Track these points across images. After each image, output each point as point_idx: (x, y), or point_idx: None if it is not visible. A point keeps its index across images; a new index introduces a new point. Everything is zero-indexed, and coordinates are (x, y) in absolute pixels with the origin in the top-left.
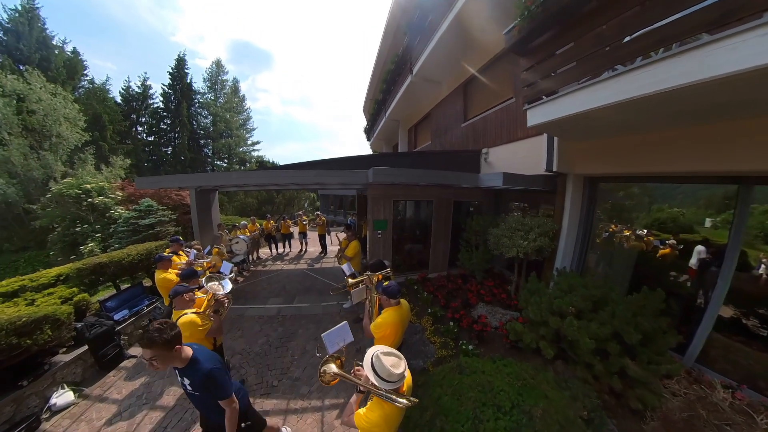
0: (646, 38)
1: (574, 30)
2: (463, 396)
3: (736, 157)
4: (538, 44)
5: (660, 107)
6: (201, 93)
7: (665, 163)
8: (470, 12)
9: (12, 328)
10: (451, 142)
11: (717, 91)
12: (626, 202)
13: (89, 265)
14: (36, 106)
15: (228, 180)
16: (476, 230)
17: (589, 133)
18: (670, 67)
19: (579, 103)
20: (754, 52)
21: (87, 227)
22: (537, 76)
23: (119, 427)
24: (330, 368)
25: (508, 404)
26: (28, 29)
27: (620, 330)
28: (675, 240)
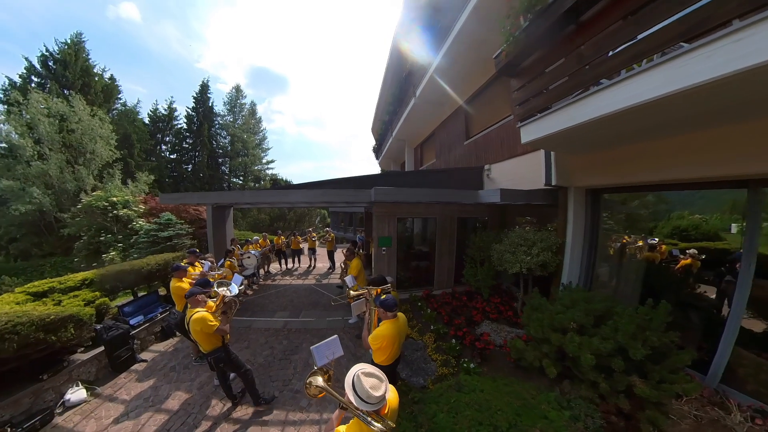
0: (621, 55)
1: (557, 51)
2: (459, 414)
3: (743, 159)
4: (525, 66)
5: (644, 119)
6: (221, 115)
7: (667, 171)
8: (463, 40)
9: (41, 324)
10: (455, 159)
11: (704, 97)
12: (642, 212)
13: (112, 272)
14: (75, 126)
15: (242, 198)
16: (480, 246)
17: (584, 146)
18: (643, 81)
19: (565, 120)
20: (728, 59)
21: (110, 237)
22: (527, 95)
23: (125, 427)
24: (316, 380)
25: (505, 424)
26: (74, 59)
27: (625, 345)
28: (695, 249)
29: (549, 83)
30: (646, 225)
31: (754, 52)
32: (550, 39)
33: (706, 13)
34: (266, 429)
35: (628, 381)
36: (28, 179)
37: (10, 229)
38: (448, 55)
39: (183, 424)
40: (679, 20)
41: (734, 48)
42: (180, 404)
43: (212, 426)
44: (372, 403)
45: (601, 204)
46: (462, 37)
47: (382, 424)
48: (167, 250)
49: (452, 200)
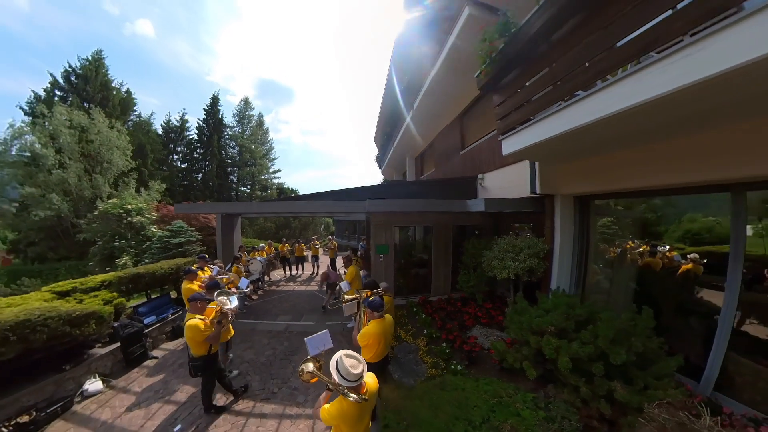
0: (584, 74)
1: (532, 69)
2: (439, 409)
3: (723, 164)
4: (504, 83)
5: (615, 128)
6: (230, 126)
7: (651, 178)
8: (454, 59)
9: (68, 319)
10: (453, 169)
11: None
12: (650, 215)
13: (129, 275)
14: (94, 137)
15: (250, 208)
16: (472, 253)
17: (566, 156)
18: (607, 96)
19: (540, 133)
20: (682, 72)
21: (124, 243)
22: (506, 110)
23: (136, 415)
24: (308, 367)
25: (479, 419)
26: (94, 74)
27: (606, 350)
28: (696, 254)
29: (525, 99)
30: (655, 229)
31: (704, 65)
32: (523, 58)
33: (655, 34)
34: (264, 421)
35: (609, 386)
36: (48, 186)
37: (30, 233)
38: (441, 71)
39: (189, 414)
40: (633, 40)
41: (686, 62)
42: (187, 397)
43: (215, 417)
44: (351, 380)
45: (591, 210)
46: (452, 53)
47: (358, 396)
48: (178, 255)
49: (441, 210)
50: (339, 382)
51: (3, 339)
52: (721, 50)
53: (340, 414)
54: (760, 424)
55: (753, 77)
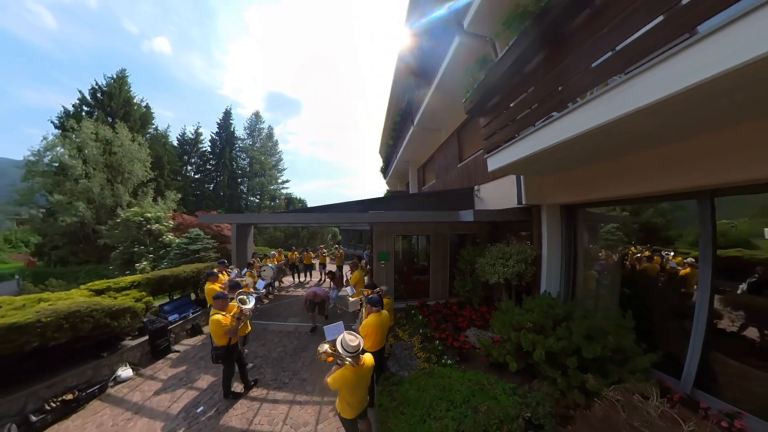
0: (549, 101)
1: (509, 97)
2: (425, 392)
3: (688, 174)
4: (486, 109)
5: (578, 146)
6: (242, 139)
7: (625, 187)
8: (448, 78)
9: (109, 312)
10: (452, 180)
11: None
12: (658, 220)
13: (156, 276)
14: (117, 149)
15: (265, 219)
16: (467, 260)
17: (547, 169)
18: (564, 124)
19: (517, 152)
20: (620, 103)
21: (143, 248)
22: (490, 131)
23: (163, 398)
24: (323, 347)
25: (460, 401)
26: (118, 91)
27: (580, 345)
28: (692, 258)
29: (505, 122)
30: (664, 234)
31: (637, 97)
32: (500, 88)
33: (602, 71)
34: (276, 406)
35: (582, 378)
36: (73, 194)
37: (54, 238)
38: (438, 90)
39: (210, 399)
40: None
41: (624, 95)
42: (208, 384)
43: (233, 401)
44: (350, 351)
45: (578, 218)
46: (447, 73)
47: (354, 360)
48: (195, 261)
49: (435, 220)
50: (341, 353)
51: (58, 326)
52: (646, 85)
53: (342, 378)
54: (734, 419)
55: (678, 104)
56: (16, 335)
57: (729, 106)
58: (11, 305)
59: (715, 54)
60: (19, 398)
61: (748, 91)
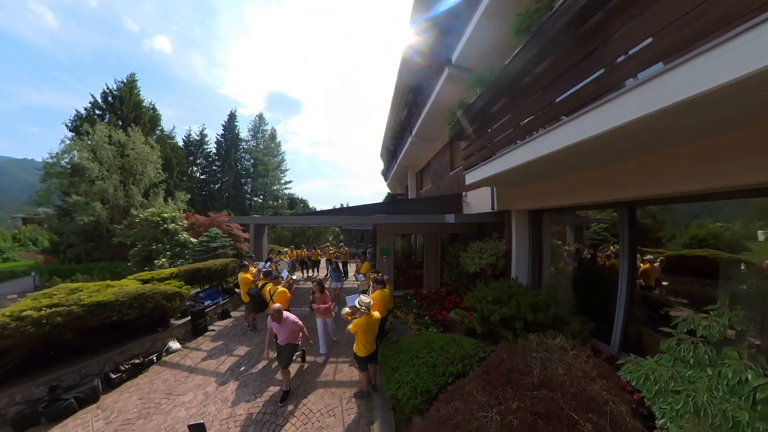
0: (508, 137)
1: (481, 129)
2: (414, 344)
3: (609, 190)
4: (465, 136)
5: (531, 167)
6: (245, 140)
7: (570, 198)
8: (443, 97)
9: (165, 295)
10: (444, 186)
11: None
12: (646, 221)
13: (191, 269)
14: (131, 152)
15: (282, 220)
16: (453, 255)
17: (513, 183)
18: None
19: (486, 171)
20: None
21: (160, 246)
22: (468, 154)
23: (210, 362)
24: (345, 310)
25: (437, 348)
26: (129, 95)
27: (525, 312)
28: (651, 256)
29: (478, 148)
30: (652, 236)
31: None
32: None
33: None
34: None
35: (527, 336)
36: (88, 195)
37: (71, 236)
38: (432, 106)
39: (248, 362)
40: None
41: (564, 132)
42: (245, 352)
43: (270, 363)
44: (364, 306)
45: (543, 221)
46: (441, 93)
47: (366, 309)
48: (214, 257)
49: (424, 222)
50: (358, 308)
51: (129, 304)
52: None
53: (358, 324)
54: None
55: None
56: (102, 310)
57: (629, 146)
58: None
59: (610, 115)
60: (99, 361)
61: (634, 138)
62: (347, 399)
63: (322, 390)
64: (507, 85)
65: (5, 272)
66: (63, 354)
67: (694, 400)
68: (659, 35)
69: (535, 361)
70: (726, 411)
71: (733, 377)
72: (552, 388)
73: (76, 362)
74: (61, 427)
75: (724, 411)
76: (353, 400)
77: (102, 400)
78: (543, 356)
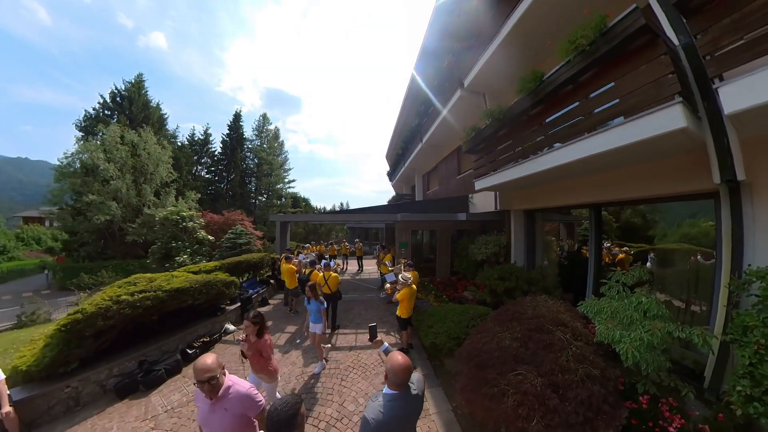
0: (509, 157)
1: (488, 148)
2: (440, 311)
3: (582, 195)
4: (476, 150)
5: (530, 178)
6: (250, 140)
7: (555, 201)
8: (454, 113)
9: (224, 283)
10: (452, 188)
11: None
12: (636, 220)
13: (233, 262)
14: (142, 152)
15: (311, 218)
16: (462, 246)
17: (512, 189)
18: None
19: (493, 180)
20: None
21: (180, 244)
22: (478, 165)
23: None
24: (387, 285)
25: (459, 311)
26: (137, 96)
27: (523, 285)
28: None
29: (487, 162)
30: (644, 233)
31: (552, 160)
32: (484, 141)
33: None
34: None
35: None
36: (101, 195)
37: (84, 235)
38: (440, 126)
39: (299, 337)
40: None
41: (551, 157)
42: (294, 329)
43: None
44: (406, 280)
45: (535, 218)
46: (459, 104)
47: (414, 282)
48: (242, 252)
49: (442, 220)
50: (402, 281)
51: (200, 290)
52: (548, 159)
53: (405, 293)
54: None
55: (572, 165)
56: (181, 295)
57: (594, 168)
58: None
59: (581, 148)
60: (175, 339)
61: (597, 163)
62: None
63: (371, 351)
64: (509, 120)
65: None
66: (145, 334)
67: (613, 311)
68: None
69: (529, 307)
70: (627, 314)
71: (635, 300)
72: (539, 316)
73: (155, 341)
74: (158, 392)
75: (626, 315)
76: None
77: (184, 371)
78: (534, 304)
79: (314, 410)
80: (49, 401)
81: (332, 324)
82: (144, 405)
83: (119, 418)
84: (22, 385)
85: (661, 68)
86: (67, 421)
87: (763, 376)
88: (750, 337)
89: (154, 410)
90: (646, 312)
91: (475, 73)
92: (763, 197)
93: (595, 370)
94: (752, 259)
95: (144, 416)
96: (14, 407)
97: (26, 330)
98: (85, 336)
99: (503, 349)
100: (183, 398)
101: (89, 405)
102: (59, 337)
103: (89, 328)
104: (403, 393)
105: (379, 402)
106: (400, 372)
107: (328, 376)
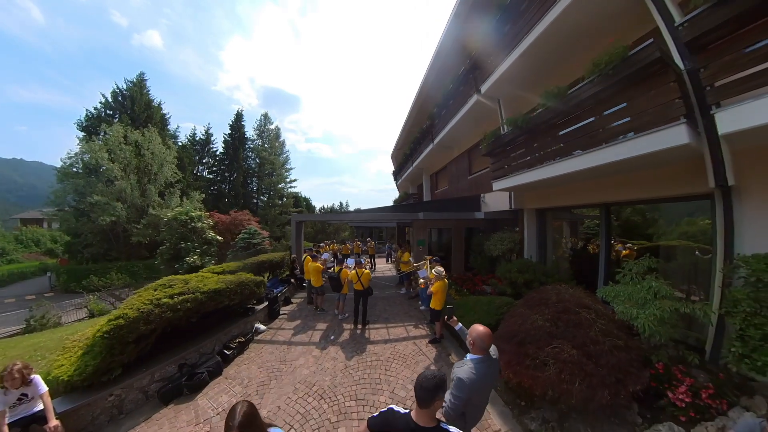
0: (526, 162)
1: (506, 153)
2: (467, 302)
3: (594, 195)
4: (495, 152)
5: (545, 181)
6: (252, 140)
7: (565, 201)
8: (467, 117)
9: (255, 283)
10: (462, 188)
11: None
12: (636, 218)
13: (256, 261)
14: (146, 152)
15: (330, 218)
16: (477, 244)
17: (526, 190)
18: (542, 171)
19: (509, 182)
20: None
21: (189, 244)
22: (496, 167)
23: (301, 336)
24: (420, 280)
25: (485, 302)
26: (139, 95)
27: (539, 278)
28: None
29: (504, 165)
30: (643, 231)
31: (564, 168)
32: (503, 145)
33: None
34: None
35: None
36: (105, 195)
37: (88, 237)
38: (459, 122)
39: (333, 333)
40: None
41: (565, 164)
42: (325, 326)
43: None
44: (440, 273)
45: (546, 217)
46: (474, 109)
47: (446, 277)
48: (256, 253)
49: (462, 217)
50: (436, 275)
51: (234, 291)
52: (562, 166)
53: (439, 285)
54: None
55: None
56: (218, 296)
57: (605, 172)
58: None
59: (597, 157)
60: (212, 341)
61: (600, 172)
62: (425, 345)
63: (405, 342)
64: (531, 128)
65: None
66: (183, 336)
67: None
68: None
69: (552, 294)
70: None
71: (647, 284)
72: (563, 301)
73: (192, 344)
74: (203, 395)
75: (641, 296)
76: (430, 345)
77: (225, 373)
78: (556, 291)
79: (368, 399)
80: (93, 411)
81: (363, 319)
82: (192, 409)
83: (169, 425)
84: (64, 396)
85: (670, 93)
86: (112, 430)
87: (750, 338)
88: (739, 308)
89: (205, 414)
90: (657, 293)
91: (493, 80)
92: (748, 198)
93: (620, 341)
94: (741, 248)
95: (196, 420)
96: (60, 419)
97: (39, 335)
98: (128, 342)
99: (537, 328)
100: (231, 399)
101: (133, 412)
102: (102, 345)
103: (132, 333)
104: (486, 356)
105: (469, 365)
106: (486, 338)
107: (371, 367)
